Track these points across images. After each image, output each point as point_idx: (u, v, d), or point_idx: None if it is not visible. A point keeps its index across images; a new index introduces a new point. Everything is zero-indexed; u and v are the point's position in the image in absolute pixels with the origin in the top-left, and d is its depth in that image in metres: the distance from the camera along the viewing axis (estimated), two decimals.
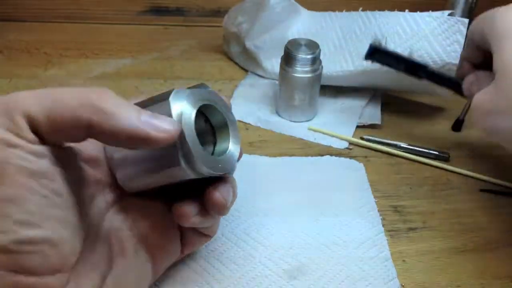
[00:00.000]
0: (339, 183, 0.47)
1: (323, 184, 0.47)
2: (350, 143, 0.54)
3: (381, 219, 0.44)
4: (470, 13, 0.65)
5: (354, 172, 0.49)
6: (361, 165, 0.50)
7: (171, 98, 0.29)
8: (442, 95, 0.58)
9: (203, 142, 0.31)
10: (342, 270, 0.38)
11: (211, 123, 0.34)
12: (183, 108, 0.29)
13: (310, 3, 0.67)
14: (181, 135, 0.29)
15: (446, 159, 0.52)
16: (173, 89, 0.30)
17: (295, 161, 0.50)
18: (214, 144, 0.35)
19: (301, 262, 0.39)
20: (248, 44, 0.64)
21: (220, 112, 0.33)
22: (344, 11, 0.62)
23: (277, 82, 0.58)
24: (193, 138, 0.29)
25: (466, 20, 0.53)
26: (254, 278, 0.37)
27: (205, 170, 0.30)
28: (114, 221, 0.32)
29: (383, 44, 0.40)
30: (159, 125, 0.27)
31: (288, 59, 0.54)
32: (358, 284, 0.37)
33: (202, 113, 0.33)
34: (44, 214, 0.25)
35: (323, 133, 0.55)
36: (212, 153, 0.34)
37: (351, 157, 0.51)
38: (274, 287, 0.37)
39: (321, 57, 0.55)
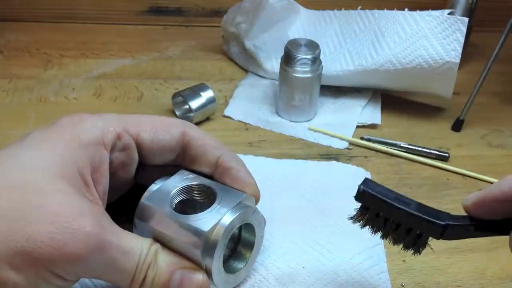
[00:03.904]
0: (341, 190, 0.46)
1: (324, 190, 0.46)
2: (350, 143, 0.54)
3: None
4: (470, 12, 0.65)
5: (359, 180, 0.48)
6: (368, 173, 0.49)
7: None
8: (442, 95, 0.58)
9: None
10: (335, 279, 0.38)
11: (241, 235, 0.37)
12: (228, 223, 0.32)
13: (309, 2, 0.67)
14: (212, 250, 0.31)
15: (446, 159, 0.52)
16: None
17: (298, 164, 0.49)
18: (232, 250, 0.36)
19: (293, 269, 0.38)
20: (248, 44, 0.64)
21: (254, 234, 0.36)
22: (343, 9, 0.62)
23: (277, 82, 0.58)
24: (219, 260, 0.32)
25: (466, 19, 0.53)
26: (244, 284, 0.37)
27: (214, 279, 0.33)
28: None
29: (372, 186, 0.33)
30: None
31: (288, 59, 0.54)
32: None
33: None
34: None
35: (323, 133, 0.55)
36: (227, 261, 0.35)
37: (351, 157, 0.52)
38: None
39: (321, 56, 0.55)
